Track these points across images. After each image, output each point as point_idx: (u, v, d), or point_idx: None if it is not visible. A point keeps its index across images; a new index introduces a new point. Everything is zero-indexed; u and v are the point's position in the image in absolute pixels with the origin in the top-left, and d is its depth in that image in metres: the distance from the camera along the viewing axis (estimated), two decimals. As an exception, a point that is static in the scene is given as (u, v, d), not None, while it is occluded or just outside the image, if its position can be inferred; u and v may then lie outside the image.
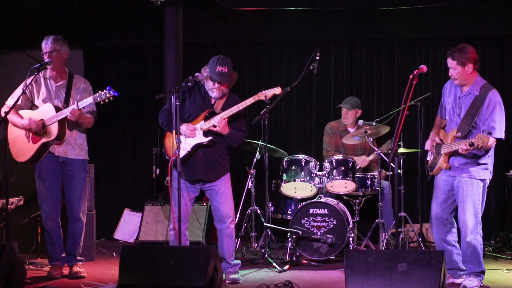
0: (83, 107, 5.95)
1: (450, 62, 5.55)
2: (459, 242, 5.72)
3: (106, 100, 5.88)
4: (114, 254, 7.26)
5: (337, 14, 8.10)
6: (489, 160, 5.60)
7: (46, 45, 6.08)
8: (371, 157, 7.34)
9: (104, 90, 5.85)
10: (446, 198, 5.69)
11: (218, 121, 5.72)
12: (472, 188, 5.53)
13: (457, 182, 5.60)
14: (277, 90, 5.89)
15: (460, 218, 5.58)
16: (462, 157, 5.54)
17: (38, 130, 6.00)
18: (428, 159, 5.83)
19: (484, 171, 5.57)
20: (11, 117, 6.08)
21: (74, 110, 5.90)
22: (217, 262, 5.05)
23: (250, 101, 5.82)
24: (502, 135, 5.50)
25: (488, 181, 5.63)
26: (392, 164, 5.59)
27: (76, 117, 5.93)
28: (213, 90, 5.85)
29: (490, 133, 5.27)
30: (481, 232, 5.58)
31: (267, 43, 8.45)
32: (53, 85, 6.15)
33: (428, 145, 5.83)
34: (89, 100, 5.92)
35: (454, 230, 5.73)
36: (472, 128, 5.46)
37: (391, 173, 6.96)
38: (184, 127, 5.76)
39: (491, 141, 5.43)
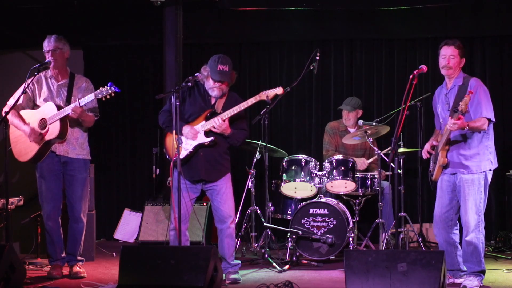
0: (84, 105, 5.95)
1: (452, 50, 5.59)
2: (461, 243, 5.72)
3: (108, 97, 5.88)
4: (114, 254, 7.27)
5: (337, 14, 8.10)
6: (488, 149, 5.58)
7: (49, 43, 6.08)
8: (371, 160, 7.34)
9: (106, 86, 5.86)
10: (450, 200, 5.68)
11: (219, 125, 5.72)
12: (473, 187, 5.52)
13: (458, 181, 5.59)
14: (279, 90, 5.89)
15: (462, 217, 5.58)
16: (460, 150, 5.54)
17: (36, 141, 6.01)
18: (430, 168, 5.82)
19: (485, 162, 5.56)
20: (13, 119, 6.07)
21: (76, 107, 5.90)
22: (217, 262, 5.05)
23: (251, 101, 5.82)
24: (490, 116, 5.49)
25: (491, 172, 5.61)
26: (392, 164, 5.59)
27: (78, 114, 5.93)
28: (213, 89, 5.85)
29: (471, 92, 5.28)
30: (483, 230, 5.57)
31: (267, 43, 8.45)
32: (54, 84, 6.16)
33: (424, 152, 5.82)
34: (90, 96, 5.92)
35: (457, 231, 5.73)
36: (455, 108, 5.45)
37: (391, 173, 6.96)
38: (187, 130, 5.76)
39: (483, 121, 5.43)
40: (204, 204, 7.41)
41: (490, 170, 5.62)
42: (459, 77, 5.64)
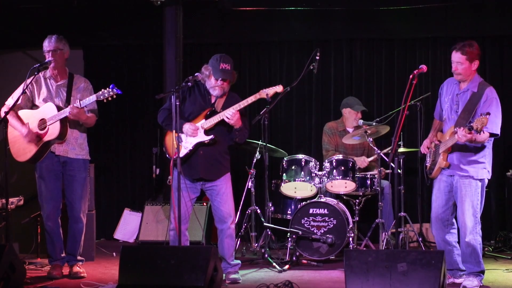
0: (85, 106, 5.95)
1: (459, 57, 5.52)
2: (459, 242, 5.72)
3: (109, 98, 5.88)
4: (114, 254, 7.27)
5: (337, 14, 8.10)
6: (487, 159, 5.60)
7: (50, 43, 6.08)
8: (371, 158, 7.34)
9: (107, 88, 5.85)
10: (447, 200, 5.69)
11: (232, 114, 5.70)
12: (470, 188, 5.53)
13: (455, 182, 5.60)
14: (279, 88, 5.90)
15: (459, 219, 5.58)
16: (460, 154, 5.54)
17: (33, 142, 6.00)
18: (427, 164, 5.83)
19: (483, 171, 5.57)
20: (11, 119, 6.06)
21: (74, 107, 5.89)
22: (217, 262, 5.05)
23: (251, 99, 5.82)
24: (498, 131, 5.49)
25: (486, 181, 5.63)
26: (392, 164, 5.59)
27: (75, 114, 5.92)
28: (215, 88, 5.85)
29: (488, 113, 5.21)
30: (480, 232, 5.58)
31: (267, 43, 8.45)
32: (53, 84, 6.16)
33: (424, 147, 5.83)
34: (92, 98, 5.92)
35: (454, 230, 5.73)
36: (469, 123, 5.44)
37: (390, 171, 6.96)
38: (187, 126, 5.76)
39: (486, 136, 5.42)
40: (204, 204, 7.41)
41: (487, 178, 5.63)
42: (474, 81, 5.57)
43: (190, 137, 5.80)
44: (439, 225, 5.72)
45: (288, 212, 7.22)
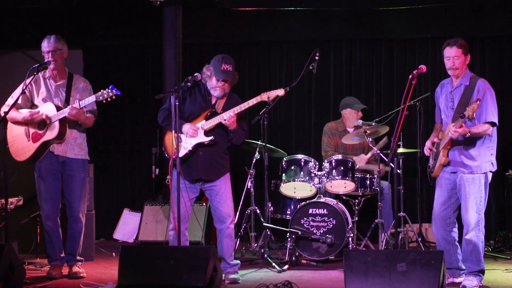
0: (84, 106, 5.95)
1: (455, 51, 5.56)
2: (460, 241, 5.72)
3: (109, 99, 5.88)
4: (114, 254, 7.26)
5: (337, 14, 8.10)
6: (490, 151, 5.58)
7: (49, 44, 6.08)
8: (369, 154, 7.32)
9: (107, 89, 5.86)
10: (449, 197, 5.68)
11: (229, 117, 5.71)
12: (474, 185, 5.52)
13: (459, 180, 5.59)
14: (280, 92, 5.90)
15: (463, 216, 5.58)
16: (462, 149, 5.53)
17: (40, 119, 5.98)
18: (429, 164, 5.83)
19: (486, 164, 5.56)
20: (11, 113, 6.04)
21: (73, 108, 5.89)
22: (217, 262, 5.05)
23: (253, 101, 5.83)
24: (495, 119, 5.50)
25: (490, 174, 5.61)
26: (391, 164, 5.59)
27: (74, 115, 5.92)
28: (216, 88, 5.85)
29: (479, 99, 5.24)
30: (483, 230, 5.57)
31: (267, 43, 8.45)
32: (52, 84, 6.16)
33: (426, 149, 5.83)
34: (91, 98, 5.92)
35: (456, 229, 5.72)
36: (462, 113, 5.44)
37: (390, 169, 6.96)
38: (187, 127, 5.76)
39: (486, 127, 5.43)
40: (204, 204, 7.41)
41: (490, 171, 5.62)
42: (465, 76, 5.61)
43: (190, 137, 5.80)
44: (440, 223, 5.71)
45: (288, 212, 7.22)
